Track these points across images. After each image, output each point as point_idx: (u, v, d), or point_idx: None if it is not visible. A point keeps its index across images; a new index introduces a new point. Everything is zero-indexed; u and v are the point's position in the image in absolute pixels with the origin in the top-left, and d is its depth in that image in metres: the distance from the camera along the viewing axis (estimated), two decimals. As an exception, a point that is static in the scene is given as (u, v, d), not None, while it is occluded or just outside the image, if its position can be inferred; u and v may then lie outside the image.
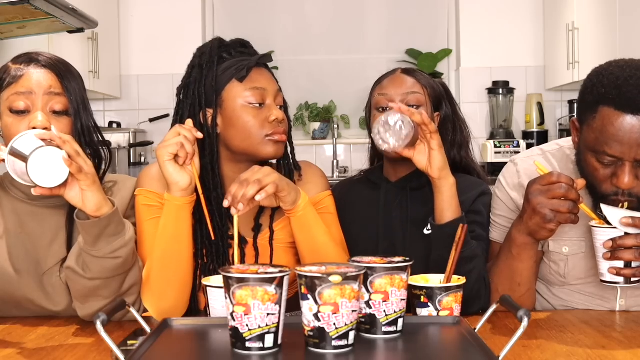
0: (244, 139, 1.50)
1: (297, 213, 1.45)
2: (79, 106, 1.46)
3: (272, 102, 1.53)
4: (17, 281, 1.45)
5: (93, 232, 1.31)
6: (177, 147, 1.39)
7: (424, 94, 1.71)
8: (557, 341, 1.26)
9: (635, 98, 1.33)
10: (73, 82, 1.47)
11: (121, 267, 1.36)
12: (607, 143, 1.36)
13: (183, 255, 1.43)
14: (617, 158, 1.37)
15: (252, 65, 1.51)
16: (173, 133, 1.41)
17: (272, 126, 1.50)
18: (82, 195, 1.30)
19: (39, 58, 1.46)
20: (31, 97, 1.42)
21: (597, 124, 1.38)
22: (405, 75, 1.73)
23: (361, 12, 4.62)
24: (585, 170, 1.45)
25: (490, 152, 4.12)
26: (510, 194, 1.60)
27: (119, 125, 4.32)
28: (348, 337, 1.05)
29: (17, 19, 2.73)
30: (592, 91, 1.40)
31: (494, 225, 1.64)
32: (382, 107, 1.69)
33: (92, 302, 1.38)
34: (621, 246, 1.34)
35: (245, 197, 1.33)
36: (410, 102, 1.67)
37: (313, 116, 4.56)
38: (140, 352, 1.04)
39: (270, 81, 1.55)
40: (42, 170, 1.24)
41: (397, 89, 1.70)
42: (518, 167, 1.62)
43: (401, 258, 1.17)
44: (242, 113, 1.50)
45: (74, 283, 1.38)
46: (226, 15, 4.60)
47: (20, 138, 1.28)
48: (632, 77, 1.35)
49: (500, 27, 4.42)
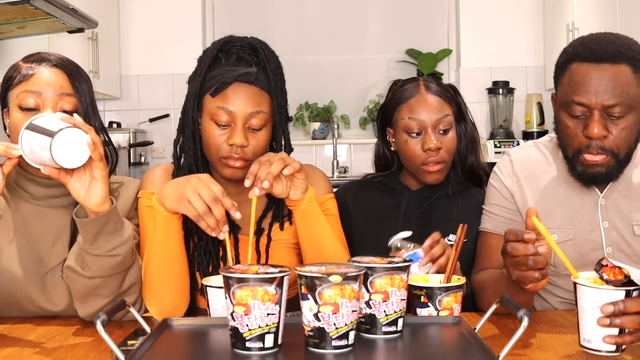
0: (207, 151, 1.50)
1: (302, 206, 1.44)
2: (88, 107, 1.47)
3: (240, 125, 1.44)
4: (19, 280, 1.45)
5: (92, 230, 1.31)
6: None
7: (452, 113, 1.72)
8: (557, 341, 1.26)
9: (599, 49, 1.41)
10: (83, 83, 1.48)
11: (120, 265, 1.36)
12: (575, 92, 1.42)
13: (177, 258, 1.43)
14: (585, 106, 1.41)
15: (229, 82, 1.44)
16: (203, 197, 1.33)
17: (229, 150, 1.45)
18: (88, 187, 1.30)
19: (50, 58, 1.47)
20: (41, 95, 1.42)
21: (566, 79, 1.46)
22: (431, 94, 1.71)
23: (361, 12, 4.62)
24: (559, 132, 1.51)
25: (490, 152, 4.12)
26: (504, 181, 1.63)
27: (119, 125, 4.32)
28: (348, 337, 1.05)
29: (17, 19, 2.73)
30: (562, 54, 1.50)
31: (488, 216, 1.64)
32: (415, 132, 1.70)
33: (92, 301, 1.39)
34: (625, 312, 1.12)
35: (271, 174, 1.33)
36: (441, 128, 1.69)
37: (313, 116, 4.56)
38: (140, 352, 1.04)
39: (244, 102, 1.44)
40: (65, 150, 1.24)
41: (429, 114, 1.69)
42: (511, 157, 1.66)
43: (401, 258, 1.17)
44: (207, 127, 1.47)
45: (74, 282, 1.38)
46: (226, 15, 4.60)
47: (42, 117, 1.27)
48: (597, 36, 1.46)
49: (500, 27, 4.42)
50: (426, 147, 1.68)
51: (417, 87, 1.73)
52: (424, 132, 1.69)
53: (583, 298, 1.15)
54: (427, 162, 1.69)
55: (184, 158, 1.53)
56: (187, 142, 1.52)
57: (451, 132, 1.71)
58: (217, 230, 1.33)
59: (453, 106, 1.73)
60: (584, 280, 1.17)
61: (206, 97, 1.48)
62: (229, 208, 1.32)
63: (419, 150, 1.69)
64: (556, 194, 1.58)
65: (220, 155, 1.46)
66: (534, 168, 1.62)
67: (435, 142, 1.67)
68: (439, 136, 1.69)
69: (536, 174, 1.61)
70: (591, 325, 1.14)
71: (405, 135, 1.71)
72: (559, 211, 1.54)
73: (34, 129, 1.24)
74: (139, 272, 1.42)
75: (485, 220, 1.65)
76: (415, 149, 1.70)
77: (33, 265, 1.47)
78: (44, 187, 1.49)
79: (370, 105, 4.55)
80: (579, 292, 1.16)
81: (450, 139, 1.71)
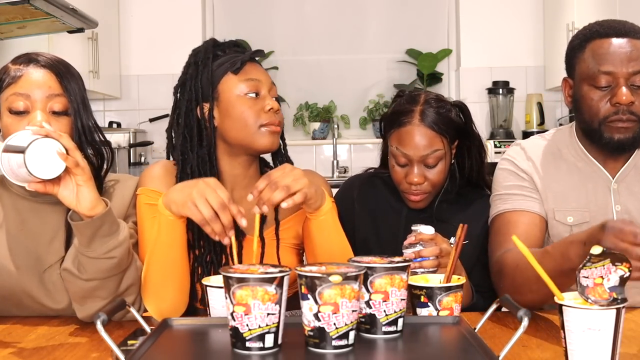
0: (240, 129, 1.51)
1: (319, 217, 1.44)
2: (79, 106, 1.46)
3: (266, 93, 1.54)
4: (18, 277, 1.45)
5: (87, 233, 1.31)
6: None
7: (444, 146, 1.67)
8: (557, 341, 1.26)
9: (617, 26, 1.52)
10: (72, 82, 1.46)
11: (116, 267, 1.36)
12: (601, 63, 1.49)
13: (179, 261, 1.43)
14: (612, 75, 1.48)
15: (246, 59, 1.55)
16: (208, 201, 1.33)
17: (268, 116, 1.52)
18: (76, 193, 1.30)
19: (39, 58, 1.46)
20: (30, 98, 1.41)
21: (587, 54, 1.52)
22: (424, 125, 1.65)
23: (361, 12, 4.62)
24: (581, 108, 1.54)
25: (490, 152, 4.11)
26: (520, 165, 1.64)
27: (119, 125, 4.32)
28: (348, 337, 1.05)
29: (17, 19, 2.73)
30: (577, 36, 1.57)
31: (502, 198, 1.62)
32: (401, 163, 1.68)
33: (90, 303, 1.38)
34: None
35: (271, 202, 1.33)
36: (429, 163, 1.66)
37: (313, 116, 4.55)
38: (140, 352, 1.04)
39: (264, 73, 1.57)
40: (39, 162, 1.24)
41: (416, 149, 1.65)
42: (522, 145, 1.70)
43: (401, 258, 1.17)
44: (238, 103, 1.51)
45: (71, 284, 1.38)
46: (226, 15, 4.60)
47: (15, 137, 1.28)
48: (610, 19, 1.56)
49: (500, 27, 4.42)
50: (408, 180, 1.67)
51: (412, 115, 1.66)
52: (409, 165, 1.67)
53: (571, 321, 1.05)
54: (409, 192, 1.69)
55: (192, 156, 1.52)
56: (193, 139, 1.52)
57: (440, 165, 1.67)
58: (223, 235, 1.32)
59: (449, 136, 1.68)
60: (571, 301, 1.06)
61: (224, 80, 1.53)
62: (235, 215, 1.32)
63: (403, 179, 1.69)
64: (569, 179, 1.61)
65: (260, 123, 1.51)
66: (545, 156, 1.64)
67: (417, 178, 1.66)
68: (425, 170, 1.67)
69: (548, 161, 1.64)
70: (580, 350, 1.04)
71: (393, 161, 1.71)
72: (573, 195, 1.58)
73: (8, 149, 1.26)
74: (137, 273, 1.42)
75: (500, 204, 1.62)
76: (400, 177, 1.69)
77: (31, 262, 1.47)
78: None
79: (370, 105, 4.55)
80: (566, 315, 1.05)
81: (438, 172, 1.68)
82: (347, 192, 1.80)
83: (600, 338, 1.03)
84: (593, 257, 1.05)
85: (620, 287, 1.05)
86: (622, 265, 1.05)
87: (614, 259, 1.05)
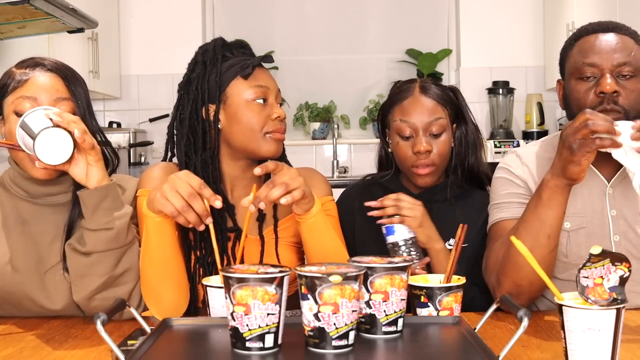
0: (245, 134, 1.52)
1: (308, 220, 1.43)
2: (85, 111, 1.47)
3: (274, 100, 1.56)
4: (18, 280, 1.46)
5: (91, 203, 1.37)
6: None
7: (446, 116, 1.71)
8: (557, 341, 1.26)
9: (603, 23, 1.53)
10: (79, 87, 1.48)
11: (114, 239, 1.38)
12: (585, 55, 1.50)
13: (173, 261, 1.42)
14: (596, 66, 1.48)
15: (256, 64, 1.56)
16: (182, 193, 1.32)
17: (274, 124, 1.53)
18: (87, 171, 1.37)
19: (45, 62, 1.46)
20: (37, 100, 1.42)
21: (575, 51, 1.54)
22: (425, 96, 1.71)
23: (361, 12, 4.62)
24: (570, 103, 1.55)
25: (490, 152, 4.12)
26: (515, 172, 1.63)
27: (118, 125, 4.32)
28: (348, 337, 1.05)
29: (17, 19, 2.73)
30: (569, 38, 1.59)
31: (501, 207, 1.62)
32: (406, 135, 1.70)
33: (87, 281, 1.40)
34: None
35: (268, 198, 1.33)
36: (433, 131, 1.68)
37: (313, 116, 4.56)
38: (140, 352, 1.04)
39: (272, 80, 1.58)
40: (48, 149, 1.32)
41: (421, 116, 1.69)
42: (517, 153, 1.68)
43: (401, 258, 1.17)
44: (246, 109, 1.52)
45: (72, 261, 1.41)
46: (226, 15, 4.60)
47: (30, 114, 1.36)
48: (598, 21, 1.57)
49: (500, 27, 4.42)
50: (416, 150, 1.68)
51: (411, 89, 1.72)
52: (415, 135, 1.69)
53: (571, 321, 1.05)
54: (417, 164, 1.69)
55: (196, 159, 1.53)
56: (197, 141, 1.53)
57: (444, 135, 1.70)
58: (199, 224, 1.32)
59: (449, 109, 1.72)
60: (571, 301, 1.06)
61: (233, 83, 1.53)
62: (209, 198, 1.32)
63: (410, 152, 1.69)
64: None
65: (266, 130, 1.53)
66: (541, 162, 1.63)
67: (425, 145, 1.67)
68: (430, 139, 1.69)
69: (543, 166, 1.63)
70: (580, 350, 1.04)
71: (397, 138, 1.71)
72: (570, 200, 1.56)
73: (24, 127, 1.36)
74: (136, 259, 1.43)
75: (497, 212, 1.62)
76: (406, 151, 1.70)
77: (33, 264, 1.47)
78: (41, 185, 1.49)
79: (370, 105, 4.56)
80: (566, 315, 1.05)
81: (443, 142, 1.70)
82: (347, 205, 1.79)
83: (600, 338, 1.03)
84: (593, 257, 1.05)
85: (620, 287, 1.05)
86: (622, 265, 1.05)
87: (614, 259, 1.05)
